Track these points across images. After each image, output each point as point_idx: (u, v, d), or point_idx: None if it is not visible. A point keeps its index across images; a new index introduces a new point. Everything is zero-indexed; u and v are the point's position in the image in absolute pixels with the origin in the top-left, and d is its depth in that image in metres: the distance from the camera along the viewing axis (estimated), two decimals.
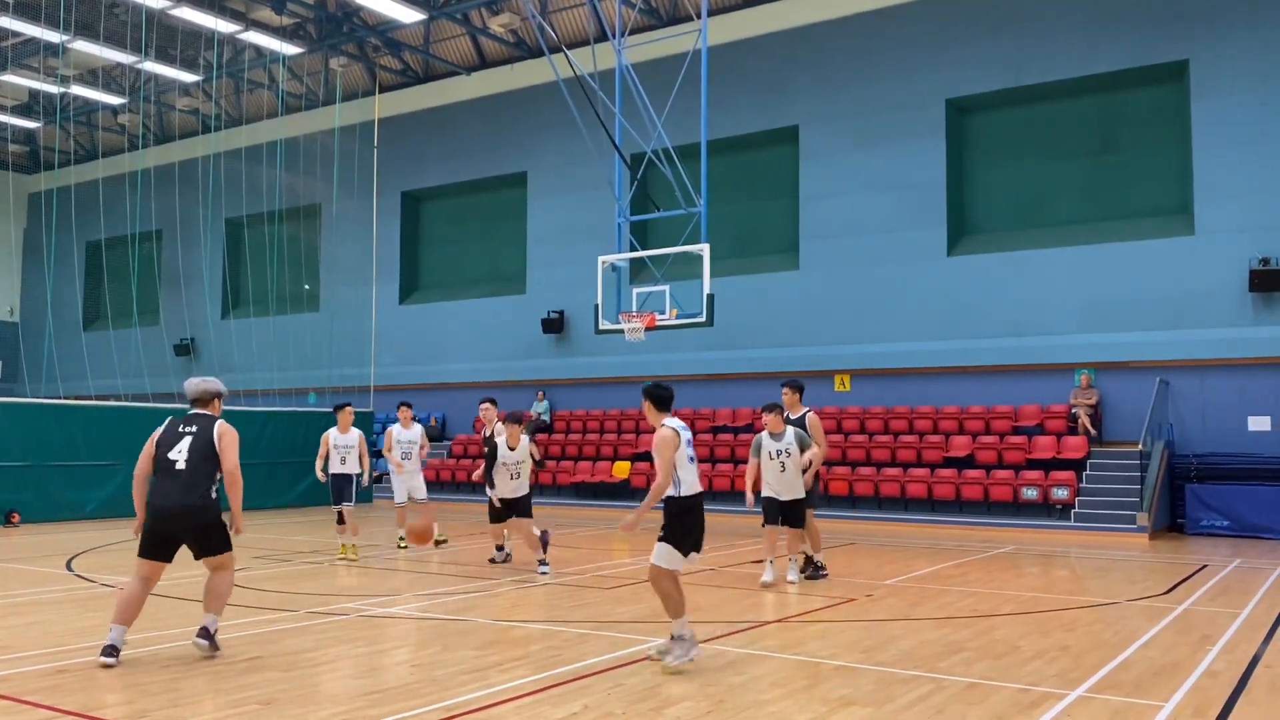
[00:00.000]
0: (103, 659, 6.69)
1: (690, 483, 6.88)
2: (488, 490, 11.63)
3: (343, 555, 12.68)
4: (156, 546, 7.04)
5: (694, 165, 17.05)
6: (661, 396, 7.05)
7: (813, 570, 11.15)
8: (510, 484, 11.48)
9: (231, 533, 7.17)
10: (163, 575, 7.16)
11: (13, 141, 35.41)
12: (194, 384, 7.39)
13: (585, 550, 14.19)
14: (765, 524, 10.71)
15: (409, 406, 14.48)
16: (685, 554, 6.84)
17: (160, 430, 7.21)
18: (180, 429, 7.17)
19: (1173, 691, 6.24)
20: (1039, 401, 19.46)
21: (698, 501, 6.91)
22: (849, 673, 6.68)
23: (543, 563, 11.37)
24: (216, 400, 7.39)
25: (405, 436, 14.04)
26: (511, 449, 11.47)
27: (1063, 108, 20.15)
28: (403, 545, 13.92)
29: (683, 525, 6.83)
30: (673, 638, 6.71)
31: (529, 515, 11.61)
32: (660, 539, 6.83)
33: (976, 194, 21.07)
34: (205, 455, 7.05)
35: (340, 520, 12.76)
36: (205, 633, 7.02)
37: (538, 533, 11.51)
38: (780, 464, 10.51)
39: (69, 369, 29.49)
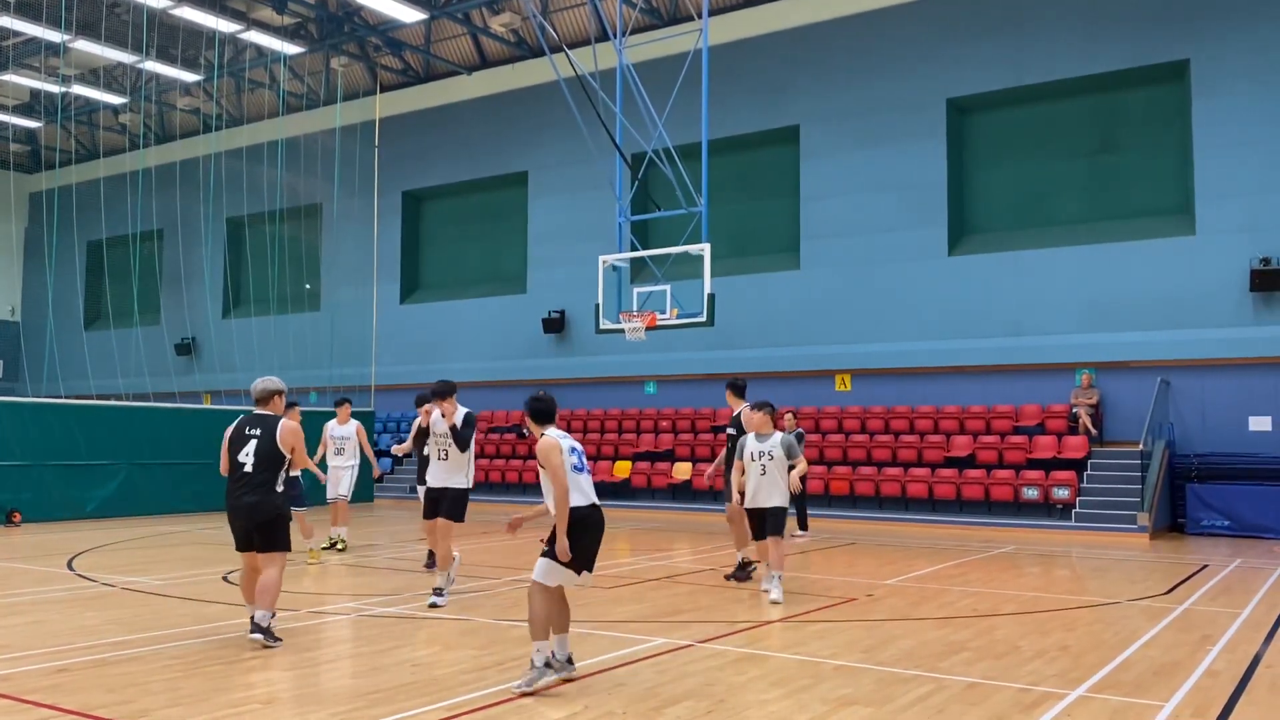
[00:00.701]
0: (251, 636, 7.32)
1: (576, 495, 6.35)
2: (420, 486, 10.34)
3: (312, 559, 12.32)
4: (242, 540, 7.54)
5: (695, 165, 17.06)
6: (538, 410, 6.63)
7: (740, 570, 10.82)
8: (439, 467, 9.41)
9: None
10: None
11: (14, 141, 35.43)
12: (256, 385, 7.74)
13: None
14: (755, 538, 10.14)
15: (348, 403, 14.19)
16: (577, 571, 6.28)
17: (230, 430, 7.61)
18: (246, 431, 7.54)
19: (1173, 691, 6.24)
20: (1040, 401, 19.46)
21: (587, 515, 6.34)
22: (849, 672, 6.68)
23: (439, 591, 9.21)
24: (277, 398, 7.73)
25: (339, 433, 13.80)
26: (443, 415, 9.41)
27: (1063, 107, 20.15)
28: (315, 556, 12.45)
29: (569, 539, 6.27)
30: (532, 665, 6.17)
31: (458, 519, 9.37)
32: (543, 554, 6.30)
33: (977, 194, 21.06)
34: (270, 457, 7.43)
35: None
36: (257, 627, 7.33)
37: (455, 555, 9.48)
38: (761, 466, 9.90)
39: (70, 368, 29.51)
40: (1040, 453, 18.36)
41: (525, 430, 24.18)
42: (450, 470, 9.36)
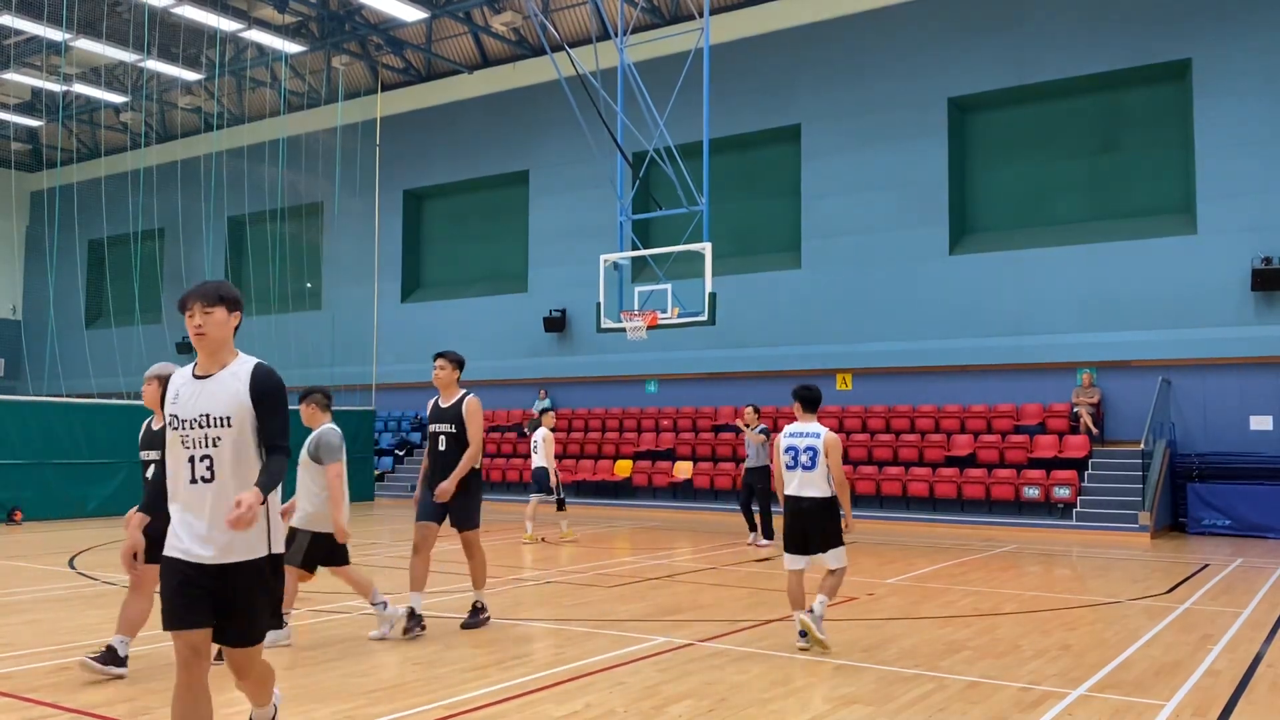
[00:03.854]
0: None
1: (787, 484, 7.45)
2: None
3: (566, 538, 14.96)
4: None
5: (696, 164, 17.06)
6: (796, 396, 7.62)
7: (412, 622, 7.75)
8: (199, 501, 4.08)
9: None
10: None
11: (15, 139, 35.44)
12: None
13: (587, 549, 14.20)
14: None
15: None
16: (792, 552, 7.43)
17: None
18: None
19: (1174, 691, 6.24)
20: (1041, 400, 19.45)
21: (789, 502, 7.45)
22: (850, 671, 6.68)
23: None
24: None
25: None
26: (202, 377, 4.21)
27: (1065, 106, 20.13)
28: None
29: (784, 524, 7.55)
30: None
31: (262, 637, 4.38)
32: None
33: (978, 193, 21.05)
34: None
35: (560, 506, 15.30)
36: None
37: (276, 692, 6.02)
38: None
39: (71, 367, 29.54)
40: (1041, 452, 18.36)
41: (526, 429, 24.15)
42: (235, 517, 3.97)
